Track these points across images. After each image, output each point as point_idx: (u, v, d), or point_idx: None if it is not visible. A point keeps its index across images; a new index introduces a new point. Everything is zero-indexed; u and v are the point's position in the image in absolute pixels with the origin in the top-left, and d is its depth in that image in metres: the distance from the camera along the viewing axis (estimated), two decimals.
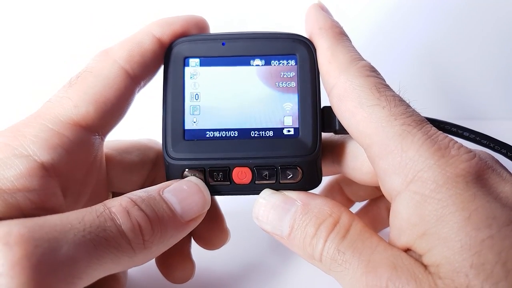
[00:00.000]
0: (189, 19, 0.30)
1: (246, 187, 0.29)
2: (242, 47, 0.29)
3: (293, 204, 0.27)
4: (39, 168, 0.24)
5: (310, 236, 0.26)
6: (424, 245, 0.23)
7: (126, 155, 0.33)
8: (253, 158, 0.28)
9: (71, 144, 0.25)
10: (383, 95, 0.25)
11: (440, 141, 0.24)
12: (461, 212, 0.22)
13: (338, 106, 0.27)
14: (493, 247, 0.21)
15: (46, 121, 0.25)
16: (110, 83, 0.27)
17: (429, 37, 0.55)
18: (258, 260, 0.37)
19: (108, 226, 0.23)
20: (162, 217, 0.25)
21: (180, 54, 0.29)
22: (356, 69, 0.26)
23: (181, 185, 0.27)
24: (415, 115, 0.25)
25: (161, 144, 0.29)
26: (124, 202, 0.24)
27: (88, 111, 0.26)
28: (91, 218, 0.22)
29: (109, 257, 0.22)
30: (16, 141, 0.24)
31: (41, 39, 0.54)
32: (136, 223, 0.24)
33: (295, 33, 0.30)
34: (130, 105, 0.29)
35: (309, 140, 0.28)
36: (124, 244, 0.23)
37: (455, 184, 0.22)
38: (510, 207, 0.22)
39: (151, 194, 0.26)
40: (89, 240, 0.21)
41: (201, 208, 0.27)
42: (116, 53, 0.28)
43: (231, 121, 0.29)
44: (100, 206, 0.24)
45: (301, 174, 0.28)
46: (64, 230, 0.21)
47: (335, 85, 0.27)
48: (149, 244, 0.24)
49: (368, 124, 0.25)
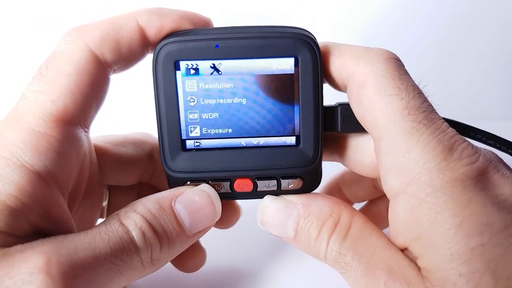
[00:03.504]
0: (186, 15, 0.27)
1: (247, 194, 0.28)
2: (237, 50, 0.26)
3: (295, 208, 0.27)
4: (37, 178, 0.23)
5: (314, 239, 0.26)
6: (417, 248, 0.23)
7: (121, 148, 0.32)
8: (254, 170, 0.28)
9: (59, 144, 0.24)
10: (404, 84, 0.24)
11: (445, 142, 0.23)
12: (453, 218, 0.21)
13: (358, 94, 0.25)
14: (483, 256, 0.21)
15: (29, 123, 0.24)
16: (82, 70, 0.25)
17: (427, 37, 0.55)
18: (257, 260, 0.37)
19: (129, 250, 0.24)
20: (171, 235, 0.26)
21: (170, 56, 0.26)
22: (376, 52, 0.25)
23: (194, 196, 0.27)
24: (429, 111, 0.24)
25: (160, 152, 0.28)
26: (139, 221, 0.25)
27: (67, 104, 0.25)
28: (115, 242, 0.23)
29: (125, 276, 0.24)
30: (4, 150, 0.23)
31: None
32: (149, 245, 0.25)
33: (297, 29, 0.27)
34: (106, 91, 0.27)
35: (310, 150, 0.28)
36: (138, 265, 0.24)
37: (451, 189, 0.22)
38: (507, 210, 0.22)
39: (163, 207, 0.26)
40: (115, 266, 0.23)
41: (210, 222, 0.28)
42: (89, 34, 0.25)
43: (230, 131, 0.28)
44: (120, 227, 0.24)
45: (302, 183, 0.28)
46: (95, 255, 0.22)
47: (354, 73, 0.25)
48: (156, 262, 0.25)
49: (382, 115, 0.24)
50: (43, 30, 0.54)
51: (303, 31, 0.27)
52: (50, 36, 0.51)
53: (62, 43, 0.26)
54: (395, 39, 0.54)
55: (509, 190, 0.23)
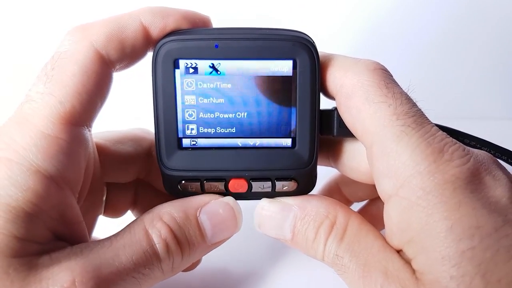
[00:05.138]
0: (187, 15, 0.27)
1: (242, 195, 0.29)
2: (236, 50, 0.26)
3: (291, 209, 0.28)
4: (50, 182, 0.23)
5: (311, 240, 0.27)
6: (411, 251, 0.23)
7: (120, 145, 0.32)
8: (249, 171, 0.28)
9: (68, 146, 0.24)
10: (391, 91, 0.25)
11: (435, 144, 0.23)
12: (444, 221, 0.22)
13: (346, 104, 0.26)
14: (473, 258, 0.21)
15: (38, 126, 0.24)
16: (88, 71, 0.25)
17: (426, 37, 0.55)
18: (254, 260, 0.37)
19: (152, 264, 0.24)
20: (193, 245, 0.26)
21: (170, 54, 0.26)
22: (363, 63, 0.26)
23: (218, 208, 0.28)
24: (418, 115, 0.24)
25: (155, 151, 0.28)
26: (164, 231, 0.25)
27: (74, 106, 0.25)
28: (139, 256, 0.24)
29: (145, 286, 0.25)
30: (16, 154, 0.23)
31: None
32: (172, 256, 0.25)
33: (296, 32, 0.27)
34: (109, 90, 0.27)
35: (306, 153, 0.28)
36: (159, 274, 0.25)
37: (441, 192, 0.22)
38: (498, 212, 0.22)
39: (188, 216, 0.27)
40: (137, 279, 0.24)
41: (231, 234, 0.28)
42: (94, 34, 0.26)
43: (226, 131, 0.28)
44: (144, 237, 0.25)
45: (297, 185, 0.28)
46: (119, 271, 0.23)
47: (342, 84, 0.26)
48: (176, 269, 0.26)
49: (372, 122, 0.25)
50: (40, 29, 0.54)
51: (303, 34, 0.27)
52: (47, 34, 0.51)
53: (66, 43, 0.26)
54: (395, 39, 0.54)
55: (501, 192, 0.23)
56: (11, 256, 0.21)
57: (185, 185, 0.28)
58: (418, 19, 0.54)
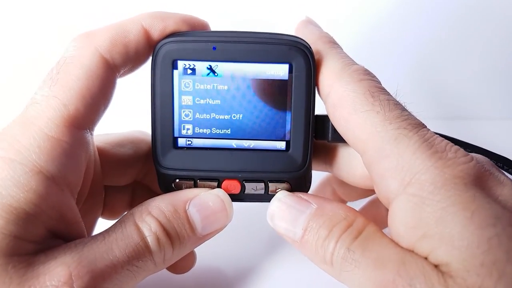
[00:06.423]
0: (186, 19, 0.28)
1: (235, 196, 0.29)
2: (234, 53, 0.27)
3: (308, 206, 0.27)
4: (52, 183, 0.23)
5: (323, 238, 0.25)
6: (425, 246, 0.22)
7: (120, 148, 0.33)
8: (242, 172, 0.28)
9: (70, 149, 0.25)
10: (377, 100, 0.25)
11: (437, 144, 0.23)
12: (462, 212, 0.21)
13: (334, 114, 0.26)
14: (500, 245, 0.20)
15: (42, 127, 0.24)
16: (93, 75, 0.26)
17: (426, 37, 0.55)
18: (256, 259, 0.37)
19: (144, 256, 0.25)
20: (183, 238, 0.27)
21: (169, 55, 0.27)
22: (349, 74, 0.26)
23: (208, 200, 0.28)
24: (411, 118, 0.24)
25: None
26: (154, 225, 0.26)
27: (78, 109, 0.25)
28: (131, 249, 0.24)
29: (138, 278, 0.25)
30: (19, 155, 0.23)
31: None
32: (163, 248, 0.26)
33: (293, 37, 0.27)
34: (113, 95, 0.28)
35: (299, 156, 0.28)
36: (151, 266, 0.26)
37: (453, 186, 0.22)
38: (509, 210, 0.22)
39: (177, 210, 0.27)
40: (131, 272, 0.24)
41: (222, 225, 0.28)
42: (98, 39, 0.26)
43: (222, 132, 0.28)
44: (135, 231, 0.25)
45: (290, 188, 0.28)
46: (113, 265, 0.24)
47: (329, 93, 0.26)
48: (167, 261, 0.26)
49: (362, 130, 0.24)
50: (40, 31, 0.54)
51: (299, 39, 0.27)
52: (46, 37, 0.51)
53: (71, 49, 0.26)
54: (395, 40, 0.54)
55: (508, 191, 0.22)
56: (10, 255, 0.22)
57: (179, 183, 0.28)
58: (418, 19, 0.54)
